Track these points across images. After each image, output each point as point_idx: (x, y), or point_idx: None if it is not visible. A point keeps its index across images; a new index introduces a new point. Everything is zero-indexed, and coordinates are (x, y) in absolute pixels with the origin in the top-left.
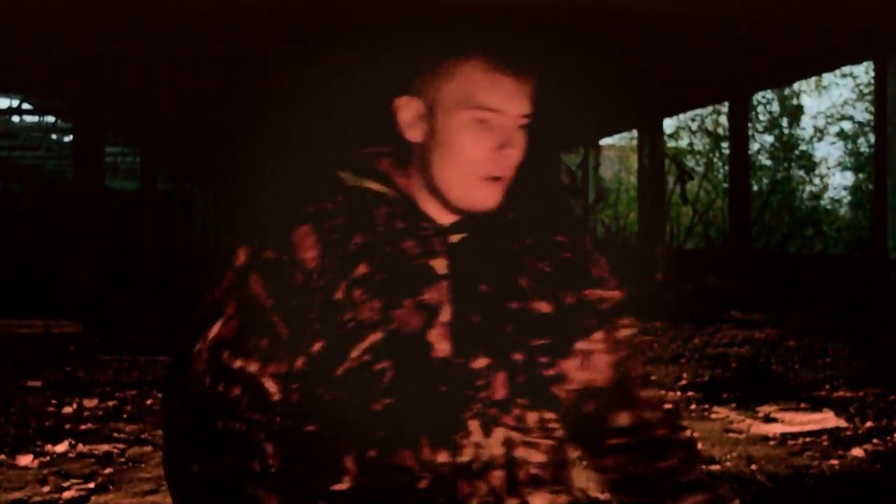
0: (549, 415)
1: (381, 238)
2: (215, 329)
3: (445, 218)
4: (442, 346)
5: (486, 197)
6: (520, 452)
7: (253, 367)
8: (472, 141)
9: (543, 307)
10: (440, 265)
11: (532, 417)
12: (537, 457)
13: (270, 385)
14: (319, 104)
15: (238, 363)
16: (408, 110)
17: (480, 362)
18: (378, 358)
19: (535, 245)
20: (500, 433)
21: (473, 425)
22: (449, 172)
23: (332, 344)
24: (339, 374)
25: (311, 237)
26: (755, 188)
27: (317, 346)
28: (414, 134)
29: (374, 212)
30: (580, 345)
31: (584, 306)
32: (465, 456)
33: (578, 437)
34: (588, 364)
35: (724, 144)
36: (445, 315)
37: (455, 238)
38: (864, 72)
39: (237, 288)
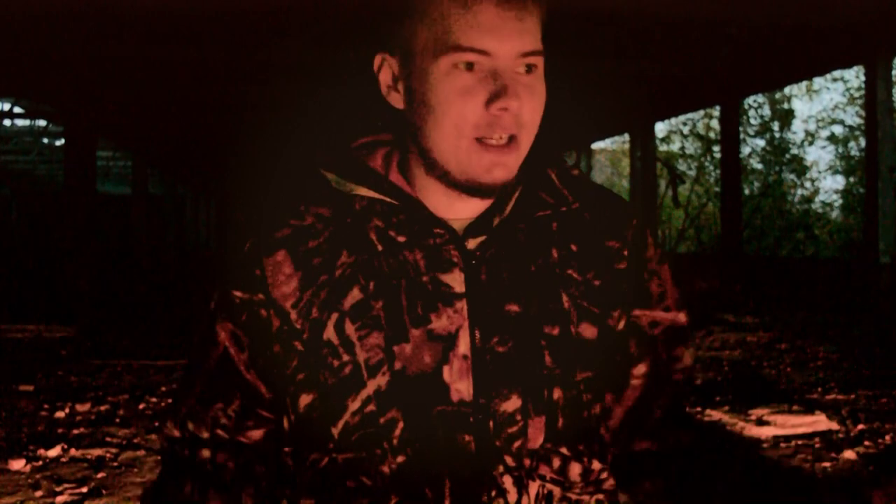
0: (596, 465)
1: (378, 254)
2: (183, 392)
3: (460, 211)
4: (461, 387)
5: (486, 165)
6: None
7: (224, 438)
8: (455, 94)
9: (588, 331)
10: (456, 280)
11: (575, 469)
12: None
13: (254, 454)
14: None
15: (205, 434)
16: (385, 70)
17: (510, 404)
18: (384, 408)
19: (581, 252)
20: (537, 488)
21: (507, 482)
22: (439, 139)
23: (325, 396)
24: (336, 434)
25: (287, 266)
26: (746, 192)
27: (303, 402)
28: (395, 99)
29: (365, 224)
30: (621, 378)
31: (633, 330)
32: None
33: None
34: (626, 401)
35: (716, 148)
36: (463, 346)
37: (473, 243)
38: (854, 76)
39: (204, 343)
